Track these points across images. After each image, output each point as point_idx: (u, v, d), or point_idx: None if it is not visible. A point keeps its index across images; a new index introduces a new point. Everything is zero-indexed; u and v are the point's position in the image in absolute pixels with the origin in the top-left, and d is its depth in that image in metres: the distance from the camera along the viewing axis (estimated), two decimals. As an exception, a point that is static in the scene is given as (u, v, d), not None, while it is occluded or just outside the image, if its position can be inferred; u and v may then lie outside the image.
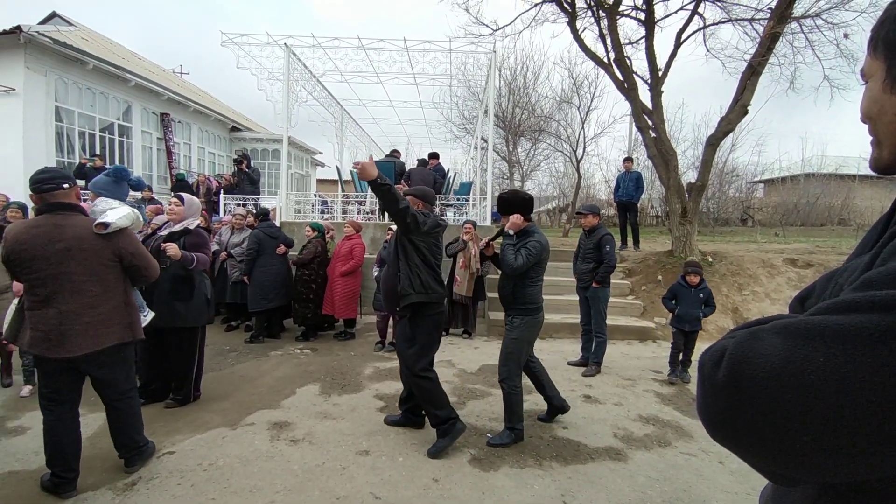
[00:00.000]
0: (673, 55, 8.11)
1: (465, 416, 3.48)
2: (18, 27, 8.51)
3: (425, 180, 8.19)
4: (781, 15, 7.02)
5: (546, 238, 3.32)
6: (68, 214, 2.45)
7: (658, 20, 8.09)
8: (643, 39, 8.13)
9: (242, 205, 8.82)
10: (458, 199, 9.68)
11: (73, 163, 9.84)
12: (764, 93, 9.08)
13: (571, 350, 5.53)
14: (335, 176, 12.62)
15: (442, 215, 9.12)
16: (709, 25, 8.32)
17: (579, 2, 8.17)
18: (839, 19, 7.31)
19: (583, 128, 17.89)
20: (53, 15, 13.29)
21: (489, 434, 3.31)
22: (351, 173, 11.20)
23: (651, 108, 8.00)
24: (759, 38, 7.36)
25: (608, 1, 7.87)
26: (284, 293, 5.84)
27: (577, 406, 3.97)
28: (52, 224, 2.38)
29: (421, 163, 9.35)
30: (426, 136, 18.03)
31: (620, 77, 8.01)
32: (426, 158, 9.51)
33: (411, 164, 12.03)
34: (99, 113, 10.86)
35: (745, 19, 7.93)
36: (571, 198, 18.48)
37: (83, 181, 6.50)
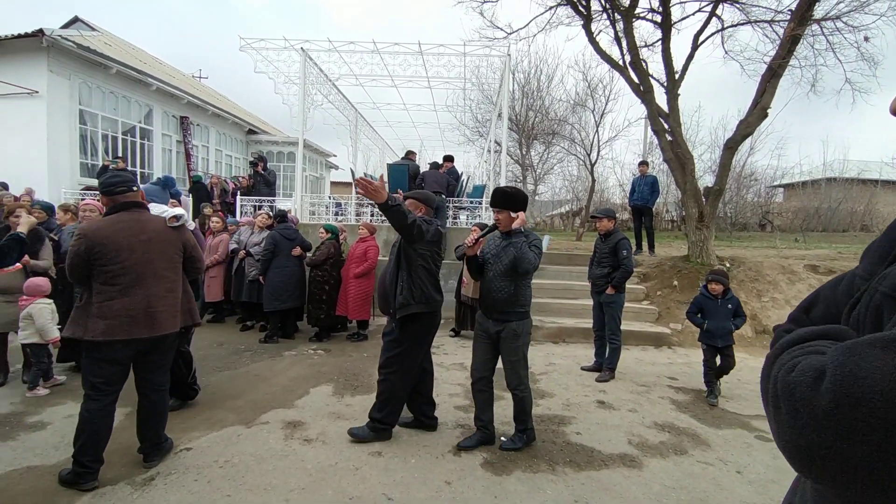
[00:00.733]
0: (690, 58, 8.02)
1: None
2: (40, 31, 8.75)
3: (439, 183, 8.20)
4: (802, 17, 6.90)
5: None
6: (143, 212, 2.76)
7: (675, 22, 8.01)
8: (659, 42, 8.06)
9: (258, 206, 8.94)
10: (472, 202, 9.69)
11: (97, 164, 10.12)
12: (784, 95, 8.90)
13: (584, 355, 5.48)
14: (349, 178, 12.73)
15: (455, 218, 9.14)
16: (727, 27, 8.21)
17: (594, 4, 8.13)
18: (859, 22, 7.18)
19: (597, 131, 17.78)
20: (76, 20, 13.71)
21: (502, 437, 3.29)
22: (365, 176, 11.30)
23: (667, 111, 7.91)
24: (780, 41, 7.24)
25: (624, 3, 7.82)
26: (298, 295, 5.89)
27: (591, 411, 3.93)
28: (134, 219, 2.67)
29: (434, 166, 9.38)
30: (439, 140, 18.11)
31: (636, 80, 7.94)
32: (439, 161, 9.53)
33: (424, 168, 12.07)
34: (121, 116, 11.14)
35: (765, 21, 7.81)
36: (585, 202, 18.34)
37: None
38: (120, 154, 10.60)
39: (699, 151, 17.55)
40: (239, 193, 9.89)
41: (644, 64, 7.94)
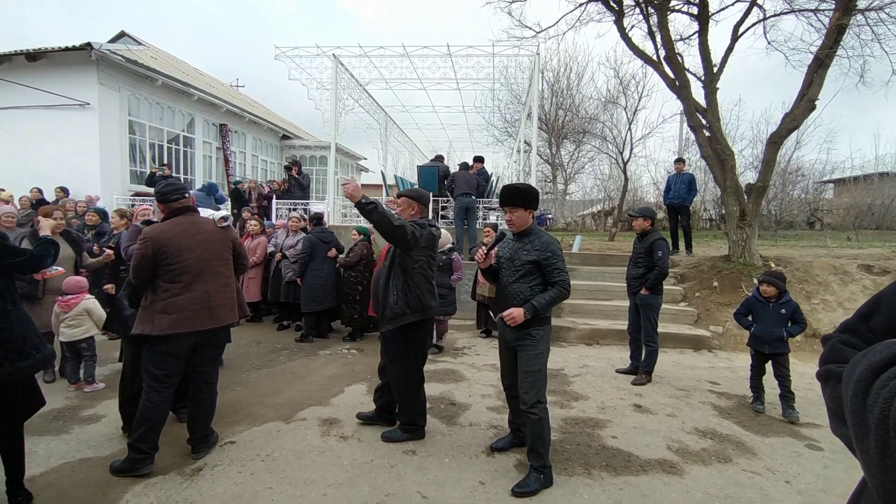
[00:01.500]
0: (729, 49, 7.71)
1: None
2: (88, 44, 9.28)
3: (469, 184, 8.21)
4: (846, 7, 6.54)
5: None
6: (195, 215, 3.02)
7: (713, 14, 7.72)
8: (696, 35, 7.78)
9: (293, 209, 9.21)
10: (501, 203, 9.63)
11: (145, 172, 10.68)
12: (832, 87, 8.39)
13: (619, 357, 5.35)
14: (379, 181, 12.92)
15: (485, 218, 9.11)
16: (770, 17, 7.84)
17: (627, -1, 7.94)
18: None
19: (630, 128, 17.35)
20: (122, 34, 14.49)
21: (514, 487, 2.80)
22: (395, 178, 11.45)
23: (705, 106, 7.63)
24: (826, 30, 6.86)
25: (658, -3, 7.59)
26: (334, 296, 6.04)
27: (627, 415, 3.84)
28: (190, 222, 2.93)
29: (463, 166, 9.40)
30: (468, 141, 18.12)
31: (671, 75, 7.70)
32: (468, 162, 9.54)
33: (454, 169, 12.10)
34: (167, 125, 11.72)
35: (810, 10, 7.40)
36: (617, 201, 17.91)
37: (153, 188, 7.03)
38: (165, 161, 11.16)
39: (740, 147, 16.85)
40: (274, 197, 10.22)
41: (680, 58, 7.69)
